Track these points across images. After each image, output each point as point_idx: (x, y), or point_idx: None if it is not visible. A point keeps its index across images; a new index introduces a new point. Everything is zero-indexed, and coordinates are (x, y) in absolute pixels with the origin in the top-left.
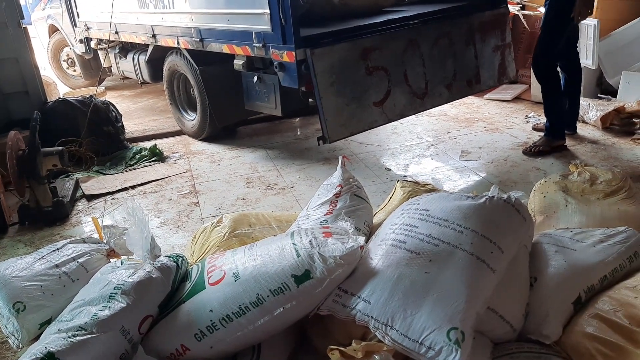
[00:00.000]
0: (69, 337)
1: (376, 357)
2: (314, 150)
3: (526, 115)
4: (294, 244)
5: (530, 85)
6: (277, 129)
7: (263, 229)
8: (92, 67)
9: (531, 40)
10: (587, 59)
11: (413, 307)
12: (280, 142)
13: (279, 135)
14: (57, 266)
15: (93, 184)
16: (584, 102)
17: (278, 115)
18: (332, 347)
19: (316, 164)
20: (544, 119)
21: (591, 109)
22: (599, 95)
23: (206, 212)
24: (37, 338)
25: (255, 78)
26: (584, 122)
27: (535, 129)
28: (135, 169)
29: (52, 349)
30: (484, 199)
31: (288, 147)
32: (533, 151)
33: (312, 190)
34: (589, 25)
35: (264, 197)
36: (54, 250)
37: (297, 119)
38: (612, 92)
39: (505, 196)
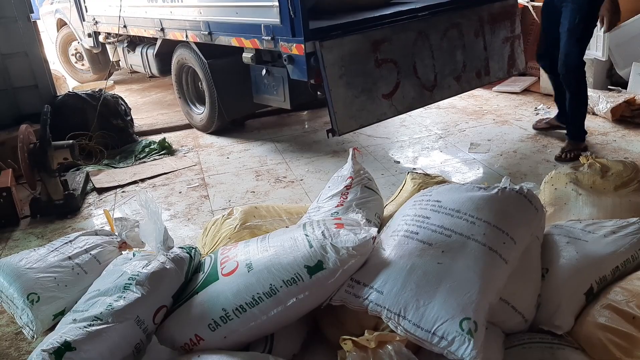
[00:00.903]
0: (85, 327)
1: (389, 347)
2: (323, 143)
3: (535, 108)
4: (307, 235)
5: (539, 78)
6: (285, 122)
7: (274, 221)
8: (100, 61)
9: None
10: (597, 51)
11: (426, 298)
12: (288, 135)
13: (287, 128)
14: (70, 258)
15: (103, 177)
16: (593, 93)
17: (286, 109)
18: (344, 337)
19: (325, 157)
20: (549, 115)
21: (601, 101)
22: (609, 87)
23: (216, 204)
24: (51, 329)
25: (264, 71)
26: (594, 114)
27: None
28: (144, 162)
29: (68, 339)
30: (496, 190)
31: (296, 140)
32: (568, 157)
33: (321, 183)
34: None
35: (273, 190)
36: (66, 243)
37: (305, 112)
38: (623, 84)
39: (517, 187)
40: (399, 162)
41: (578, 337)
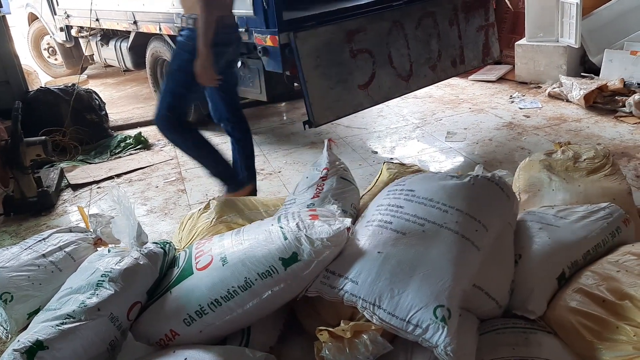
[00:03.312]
0: (57, 325)
1: (364, 336)
2: (301, 134)
3: (511, 96)
4: (281, 227)
5: (514, 66)
6: (262, 114)
7: (250, 214)
8: (74, 56)
9: (515, 20)
10: (570, 38)
11: (400, 286)
12: (266, 127)
13: (264, 120)
14: (44, 256)
15: (78, 173)
16: (567, 80)
17: (263, 100)
18: (320, 327)
19: (303, 148)
20: (528, 100)
21: (575, 88)
22: (582, 73)
23: (193, 198)
24: (26, 328)
25: (239, 63)
26: (567, 100)
27: None
28: (120, 157)
29: (40, 337)
30: (468, 178)
31: (274, 132)
32: None
33: (299, 175)
34: (571, 4)
35: None
36: (40, 240)
37: (283, 104)
38: (595, 71)
39: (489, 175)
40: (376, 153)
41: (550, 321)
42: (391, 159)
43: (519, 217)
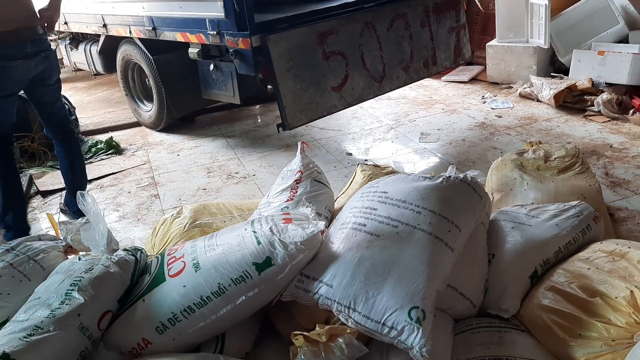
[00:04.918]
0: (24, 337)
1: (340, 340)
2: (275, 137)
3: (483, 96)
4: (254, 232)
5: (486, 67)
6: (236, 117)
7: (224, 218)
8: None
9: (485, 22)
10: (539, 39)
11: (374, 289)
12: (240, 130)
13: (238, 124)
14: (11, 265)
15: (48, 180)
16: (537, 81)
17: (236, 103)
18: (295, 332)
19: (277, 151)
20: (499, 100)
21: (545, 88)
22: (552, 74)
23: (166, 203)
24: None
25: (212, 66)
26: (538, 100)
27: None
28: (91, 162)
29: (7, 350)
30: (440, 179)
31: (248, 135)
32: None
33: (273, 178)
34: (540, 5)
35: (225, 187)
36: (7, 249)
37: (257, 106)
38: (564, 71)
39: (461, 176)
40: (351, 154)
41: (524, 319)
42: (365, 160)
43: (492, 217)
